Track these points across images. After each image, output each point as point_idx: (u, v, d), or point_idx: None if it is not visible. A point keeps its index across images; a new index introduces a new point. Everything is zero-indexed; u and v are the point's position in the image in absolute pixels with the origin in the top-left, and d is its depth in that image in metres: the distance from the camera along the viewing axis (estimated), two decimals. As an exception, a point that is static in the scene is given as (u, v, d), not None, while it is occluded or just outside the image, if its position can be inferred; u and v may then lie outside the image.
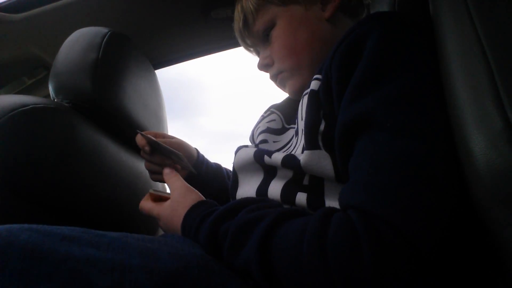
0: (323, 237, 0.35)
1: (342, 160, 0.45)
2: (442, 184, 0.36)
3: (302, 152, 0.51)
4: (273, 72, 0.68)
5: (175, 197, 0.56)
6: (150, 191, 0.62)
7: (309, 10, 0.64)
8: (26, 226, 0.35)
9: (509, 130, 0.32)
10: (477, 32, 0.37)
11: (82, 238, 0.37)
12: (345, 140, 0.44)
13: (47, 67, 1.09)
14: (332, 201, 0.48)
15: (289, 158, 0.52)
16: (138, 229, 0.84)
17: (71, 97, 0.74)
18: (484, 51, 0.35)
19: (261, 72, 0.72)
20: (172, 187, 0.59)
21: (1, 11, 0.95)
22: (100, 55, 0.74)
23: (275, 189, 0.54)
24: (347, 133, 0.43)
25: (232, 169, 0.66)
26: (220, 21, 1.00)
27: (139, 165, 0.87)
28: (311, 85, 0.51)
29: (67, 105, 0.74)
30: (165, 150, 0.67)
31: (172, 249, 0.41)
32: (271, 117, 0.72)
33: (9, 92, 1.13)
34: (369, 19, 0.48)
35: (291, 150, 0.58)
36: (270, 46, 0.67)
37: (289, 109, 0.71)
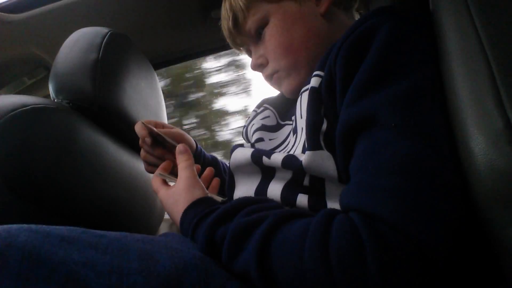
0: (325, 244, 0.34)
1: (343, 160, 0.44)
2: (449, 187, 0.35)
3: (303, 152, 0.49)
4: (268, 72, 0.65)
5: (180, 188, 0.54)
6: (156, 174, 0.60)
7: (303, 6, 0.61)
8: (25, 226, 0.35)
9: (509, 130, 0.32)
10: (477, 32, 0.36)
11: (81, 239, 0.37)
12: (347, 139, 0.42)
13: (47, 67, 1.09)
14: (334, 202, 0.47)
15: (290, 159, 0.50)
16: (138, 229, 0.83)
17: (71, 97, 0.73)
18: (484, 50, 0.35)
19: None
20: (180, 174, 0.56)
21: (1, 11, 0.95)
22: (100, 55, 0.73)
23: (274, 190, 0.52)
24: (350, 132, 0.42)
25: (228, 169, 0.64)
26: (220, 21, 1.00)
27: (139, 165, 0.87)
28: (312, 82, 0.50)
29: (67, 105, 0.74)
30: (167, 143, 0.65)
31: (172, 251, 0.41)
32: (265, 113, 0.69)
33: (9, 92, 1.13)
34: (374, 14, 0.46)
35: (289, 149, 0.56)
36: (263, 45, 0.64)
37: (283, 105, 0.69)
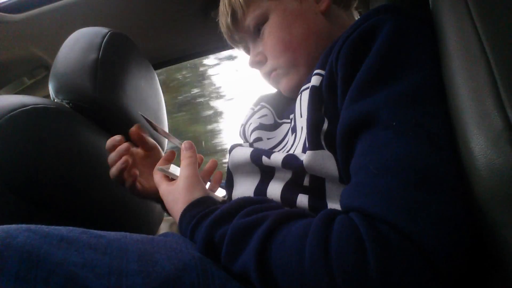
0: (325, 244, 0.33)
1: (344, 159, 0.44)
2: (450, 186, 0.35)
3: (303, 151, 0.49)
4: (266, 70, 0.64)
5: (180, 186, 0.53)
6: (157, 169, 0.60)
7: (303, 3, 0.61)
8: (24, 226, 0.35)
9: (509, 130, 0.32)
10: (477, 32, 0.36)
11: (80, 240, 0.37)
12: (348, 139, 0.42)
13: (47, 67, 1.10)
14: (334, 202, 0.46)
15: (290, 158, 0.50)
16: (138, 229, 0.83)
17: (71, 97, 0.73)
18: (484, 51, 0.35)
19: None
20: (182, 172, 0.55)
21: (1, 11, 0.95)
22: (100, 55, 0.73)
23: (274, 190, 0.52)
24: (351, 131, 0.42)
25: (227, 169, 0.63)
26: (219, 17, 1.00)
27: (139, 165, 0.87)
28: (312, 81, 0.50)
29: (67, 105, 0.74)
30: (173, 140, 0.65)
31: (171, 251, 0.41)
32: (262, 112, 0.68)
33: (9, 92, 1.13)
34: (376, 13, 0.46)
35: (289, 149, 0.56)
36: (262, 42, 0.63)
37: (280, 103, 0.68)
